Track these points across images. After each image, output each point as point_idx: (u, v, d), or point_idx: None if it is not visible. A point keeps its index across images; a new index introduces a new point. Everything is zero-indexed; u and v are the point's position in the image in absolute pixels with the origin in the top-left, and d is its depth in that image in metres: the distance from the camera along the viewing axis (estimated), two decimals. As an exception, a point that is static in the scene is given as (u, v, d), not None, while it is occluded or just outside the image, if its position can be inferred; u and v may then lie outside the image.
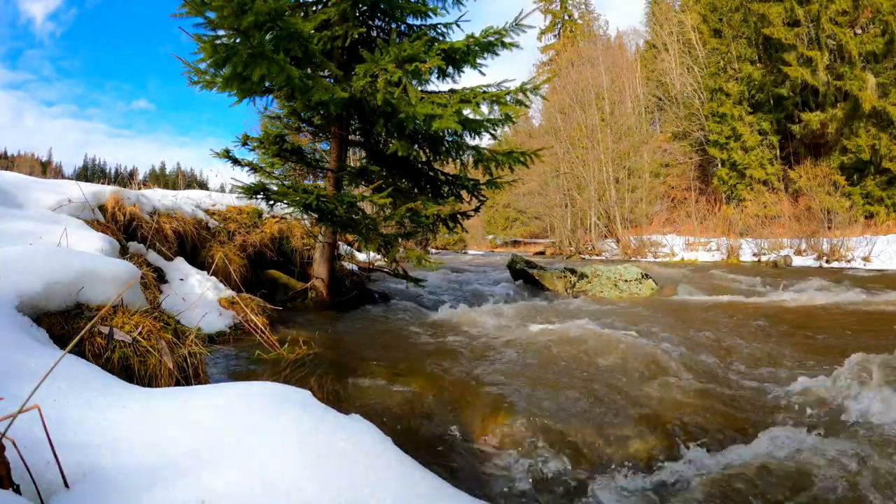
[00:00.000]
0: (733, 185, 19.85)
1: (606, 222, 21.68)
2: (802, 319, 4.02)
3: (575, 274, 6.47)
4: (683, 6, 24.42)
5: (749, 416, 1.95)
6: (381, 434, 1.10)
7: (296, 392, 1.19)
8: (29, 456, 0.74)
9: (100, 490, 0.77)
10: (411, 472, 0.99)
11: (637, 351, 2.80)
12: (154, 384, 1.62)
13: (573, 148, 23.47)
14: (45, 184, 3.49)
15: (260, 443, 0.93)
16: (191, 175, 68.93)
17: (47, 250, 1.68)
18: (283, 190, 3.93)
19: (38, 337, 1.38)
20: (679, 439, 1.77)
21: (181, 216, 4.43)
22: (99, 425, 0.94)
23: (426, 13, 4.55)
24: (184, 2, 2.93)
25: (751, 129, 19.04)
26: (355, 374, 2.39)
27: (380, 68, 3.55)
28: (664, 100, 25.18)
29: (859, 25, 16.38)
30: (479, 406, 2.02)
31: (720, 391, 2.24)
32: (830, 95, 16.45)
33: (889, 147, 15.24)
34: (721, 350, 3.03)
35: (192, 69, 3.69)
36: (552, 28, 36.48)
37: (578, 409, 1.99)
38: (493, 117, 4.14)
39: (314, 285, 4.68)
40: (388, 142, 4.77)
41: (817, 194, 15.55)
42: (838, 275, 8.67)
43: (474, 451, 1.74)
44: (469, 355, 2.82)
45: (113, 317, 1.69)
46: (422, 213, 4.05)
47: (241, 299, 3.34)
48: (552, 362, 2.69)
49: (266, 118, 5.18)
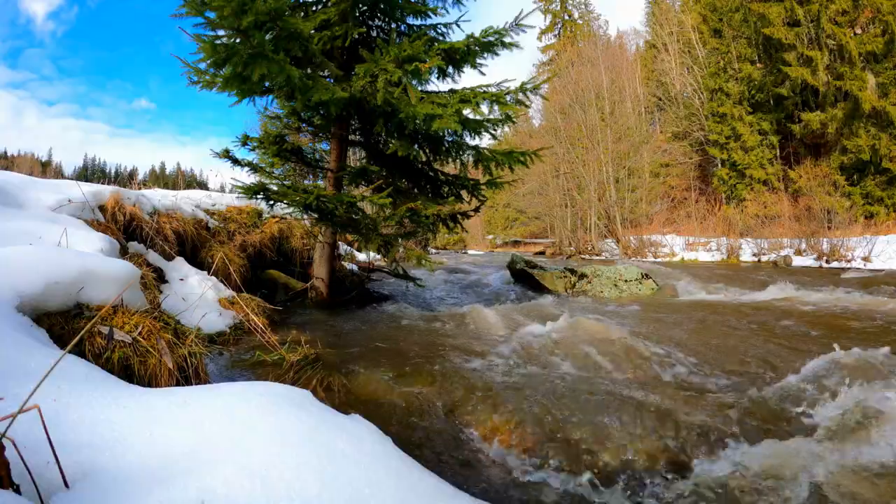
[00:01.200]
0: (733, 185, 19.87)
1: (606, 222, 21.67)
2: (802, 319, 4.02)
3: (575, 274, 6.47)
4: (683, 6, 24.43)
5: (750, 417, 1.95)
6: (381, 434, 1.10)
7: (296, 392, 1.19)
8: (29, 456, 0.74)
9: (100, 490, 0.77)
10: (411, 472, 0.99)
11: (637, 352, 2.81)
12: (154, 384, 1.62)
13: (573, 148, 23.47)
14: (45, 184, 3.49)
15: (260, 443, 0.93)
16: (191, 175, 68.99)
17: (47, 250, 1.68)
18: (283, 190, 3.93)
19: (38, 337, 1.38)
20: (678, 440, 1.77)
21: (181, 216, 4.43)
22: (99, 425, 0.94)
23: (426, 13, 4.55)
24: (184, 2, 2.93)
25: (751, 129, 19.05)
26: (356, 374, 2.39)
27: (380, 68, 3.55)
28: (664, 100, 25.20)
29: (859, 25, 16.39)
30: (479, 406, 2.02)
31: (720, 391, 2.24)
32: (830, 95, 16.45)
33: (889, 147, 15.25)
34: (721, 350, 3.03)
35: (192, 69, 3.69)
36: (552, 28, 36.51)
37: (579, 409, 1.99)
38: (493, 117, 4.14)
39: (314, 285, 4.68)
40: (388, 142, 4.77)
41: (817, 194, 15.56)
42: (838, 275, 8.67)
43: (474, 451, 1.74)
44: (469, 356, 2.82)
45: (113, 317, 1.69)
46: (422, 213, 4.05)
47: (242, 299, 3.34)
48: (553, 363, 2.69)
49: (266, 118, 5.18)
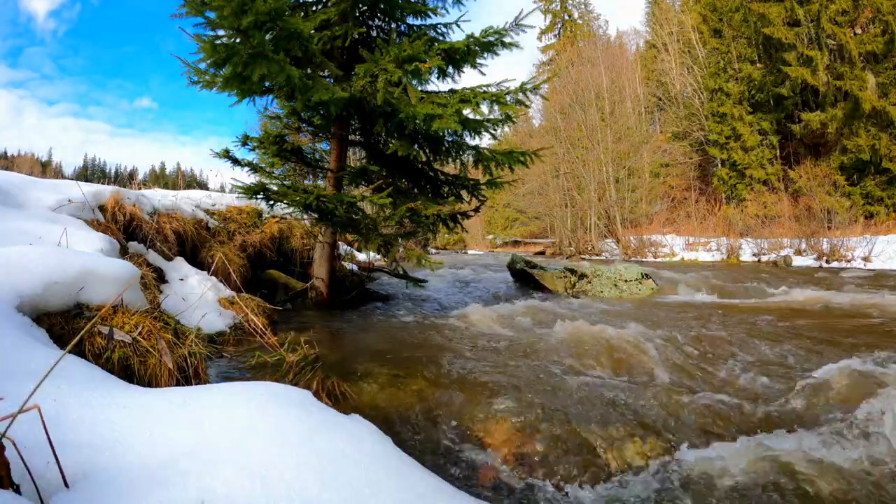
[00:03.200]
0: (733, 185, 19.87)
1: (606, 222, 21.67)
2: (802, 320, 4.02)
3: (575, 274, 6.46)
4: (683, 6, 24.43)
5: (751, 418, 1.95)
6: (381, 434, 1.10)
7: (296, 392, 1.19)
8: (29, 456, 0.74)
9: (100, 490, 0.77)
10: (411, 472, 0.99)
11: (637, 352, 2.81)
12: (154, 384, 1.62)
13: (573, 148, 23.47)
14: (45, 184, 3.49)
15: (260, 443, 0.93)
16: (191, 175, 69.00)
17: (47, 250, 1.68)
18: (283, 190, 3.92)
19: (38, 337, 1.38)
20: (678, 441, 1.77)
21: (181, 216, 4.43)
22: (99, 425, 0.94)
23: (426, 13, 4.55)
24: (184, 2, 2.93)
25: (751, 128, 19.05)
26: (355, 374, 2.39)
27: (380, 68, 3.55)
28: (664, 100, 25.20)
29: (859, 25, 16.39)
30: (479, 406, 2.02)
31: (719, 391, 2.24)
32: (830, 95, 16.45)
33: (889, 147, 15.25)
34: (721, 350, 3.03)
35: (192, 69, 3.69)
36: (552, 28, 36.51)
37: (580, 410, 1.99)
38: (493, 117, 4.14)
39: (314, 285, 4.68)
40: (388, 142, 4.77)
41: (817, 194, 15.55)
42: (838, 275, 8.67)
43: (474, 451, 1.74)
44: (469, 356, 2.82)
45: (113, 317, 1.69)
46: (422, 213, 4.05)
47: (241, 299, 3.34)
48: (553, 363, 2.69)
49: (266, 118, 5.17)
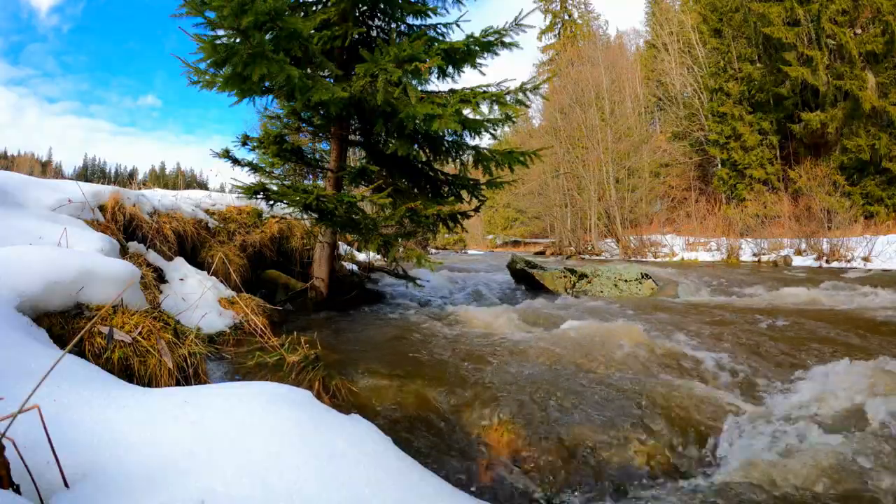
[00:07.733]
0: (733, 185, 19.87)
1: (606, 222, 21.67)
2: (802, 320, 4.01)
3: (575, 274, 6.46)
4: (683, 6, 24.43)
5: (751, 418, 1.95)
6: (381, 434, 1.10)
7: (296, 392, 1.19)
8: (29, 456, 0.74)
9: (100, 490, 0.77)
10: (411, 472, 0.99)
11: (637, 352, 2.81)
12: (154, 384, 1.62)
13: (573, 148, 23.47)
14: (45, 184, 3.48)
15: (260, 443, 0.93)
16: (191, 175, 69.02)
17: (47, 250, 1.68)
18: (283, 190, 3.92)
19: (38, 337, 1.38)
20: (678, 442, 1.77)
21: (181, 216, 4.43)
22: (99, 425, 0.94)
23: (426, 13, 4.55)
24: (184, 1, 2.93)
25: (751, 128, 19.04)
26: (355, 374, 2.39)
27: (380, 68, 3.55)
28: (664, 100, 25.19)
29: (859, 25, 16.38)
30: (479, 406, 2.02)
31: (718, 391, 2.24)
32: (830, 95, 16.45)
33: (889, 147, 15.25)
34: (722, 350, 3.03)
35: (192, 69, 3.69)
36: (552, 28, 36.49)
37: (580, 410, 1.99)
38: (493, 117, 4.14)
39: (314, 285, 4.68)
40: (388, 142, 4.77)
41: (817, 194, 15.54)
42: (838, 275, 8.67)
43: (474, 451, 1.74)
44: (469, 356, 2.82)
45: (113, 317, 1.69)
46: (422, 213, 4.05)
47: (242, 299, 3.34)
48: (553, 363, 2.69)
49: (266, 118, 5.17)
